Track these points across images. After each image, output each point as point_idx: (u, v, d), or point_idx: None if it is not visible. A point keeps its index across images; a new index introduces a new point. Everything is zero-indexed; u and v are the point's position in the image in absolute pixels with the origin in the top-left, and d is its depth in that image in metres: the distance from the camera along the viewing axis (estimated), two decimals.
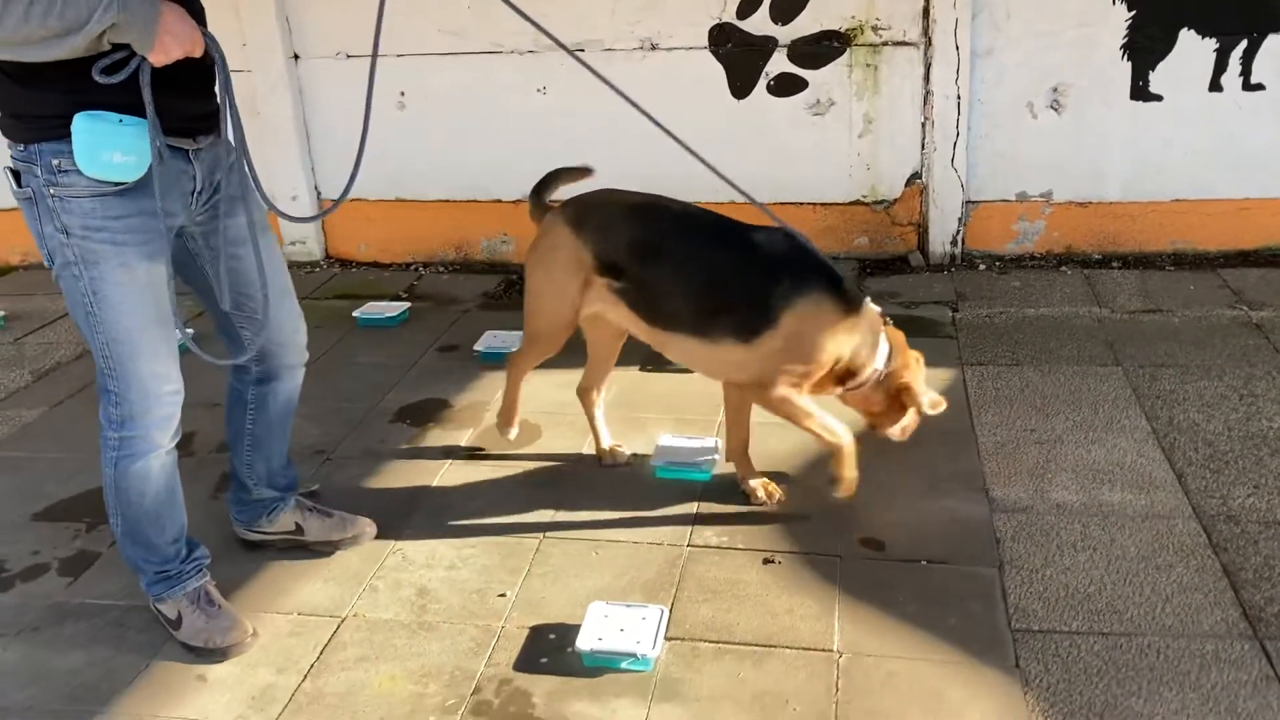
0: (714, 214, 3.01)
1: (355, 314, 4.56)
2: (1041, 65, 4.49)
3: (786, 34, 4.61)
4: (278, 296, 2.64)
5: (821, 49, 4.60)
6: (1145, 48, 4.42)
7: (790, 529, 2.97)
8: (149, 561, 2.63)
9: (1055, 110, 4.54)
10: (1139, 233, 4.66)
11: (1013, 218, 4.70)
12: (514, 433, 3.40)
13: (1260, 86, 4.41)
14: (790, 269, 2.84)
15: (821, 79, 4.63)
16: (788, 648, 2.52)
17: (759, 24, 4.61)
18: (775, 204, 4.82)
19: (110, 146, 2.22)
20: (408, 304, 4.67)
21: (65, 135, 2.21)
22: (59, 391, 4.08)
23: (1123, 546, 2.80)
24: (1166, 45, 4.41)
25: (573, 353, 4.12)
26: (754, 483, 3.11)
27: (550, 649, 2.56)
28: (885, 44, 4.54)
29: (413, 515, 3.11)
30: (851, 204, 4.76)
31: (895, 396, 2.95)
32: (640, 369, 3.97)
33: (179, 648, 2.61)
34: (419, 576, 2.84)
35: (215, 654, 2.59)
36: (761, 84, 4.68)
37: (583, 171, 3.27)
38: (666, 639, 2.55)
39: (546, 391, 3.85)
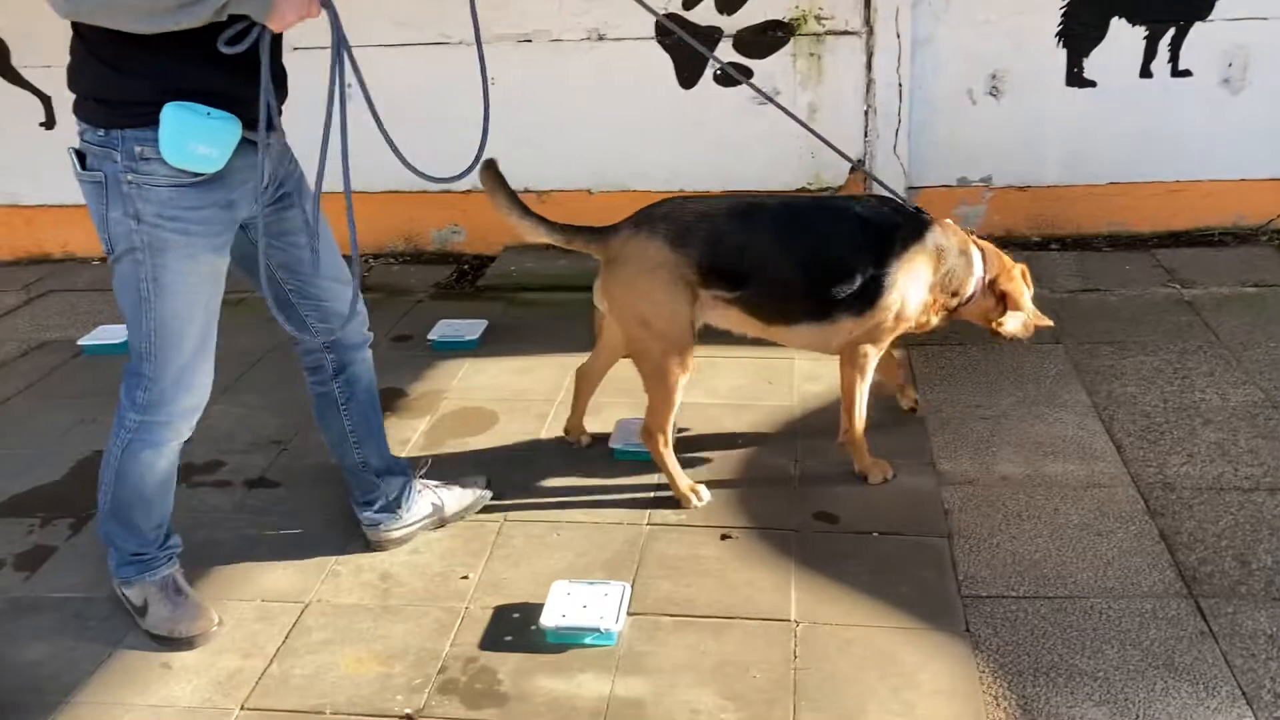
0: (807, 198, 3.02)
1: None
2: (980, 53, 4.60)
3: (731, 24, 4.67)
4: (334, 281, 2.69)
5: (766, 39, 4.67)
6: (1079, 35, 4.55)
7: (746, 505, 3.04)
8: (126, 542, 2.63)
9: (994, 97, 4.65)
10: (1076, 215, 4.80)
11: (954, 203, 4.81)
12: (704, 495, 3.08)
13: (1188, 73, 4.56)
14: (891, 231, 2.91)
15: (766, 69, 4.70)
16: (747, 619, 2.59)
17: (704, 14, 4.67)
18: (726, 191, 4.93)
19: (197, 138, 2.24)
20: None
21: (150, 123, 2.22)
22: (7, 388, 4.04)
23: (1066, 515, 2.91)
24: (1100, 32, 4.54)
25: (532, 339, 4.18)
26: (870, 462, 3.12)
27: (515, 627, 2.61)
28: (828, 33, 4.63)
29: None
30: (797, 191, 4.84)
31: (1003, 299, 3.06)
32: None
33: (142, 636, 2.62)
34: (381, 561, 2.87)
35: (180, 643, 2.60)
36: (708, 74, 4.75)
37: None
38: (629, 614, 2.61)
39: (503, 378, 3.90)
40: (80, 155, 2.32)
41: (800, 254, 2.90)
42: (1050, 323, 3.20)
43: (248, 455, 3.45)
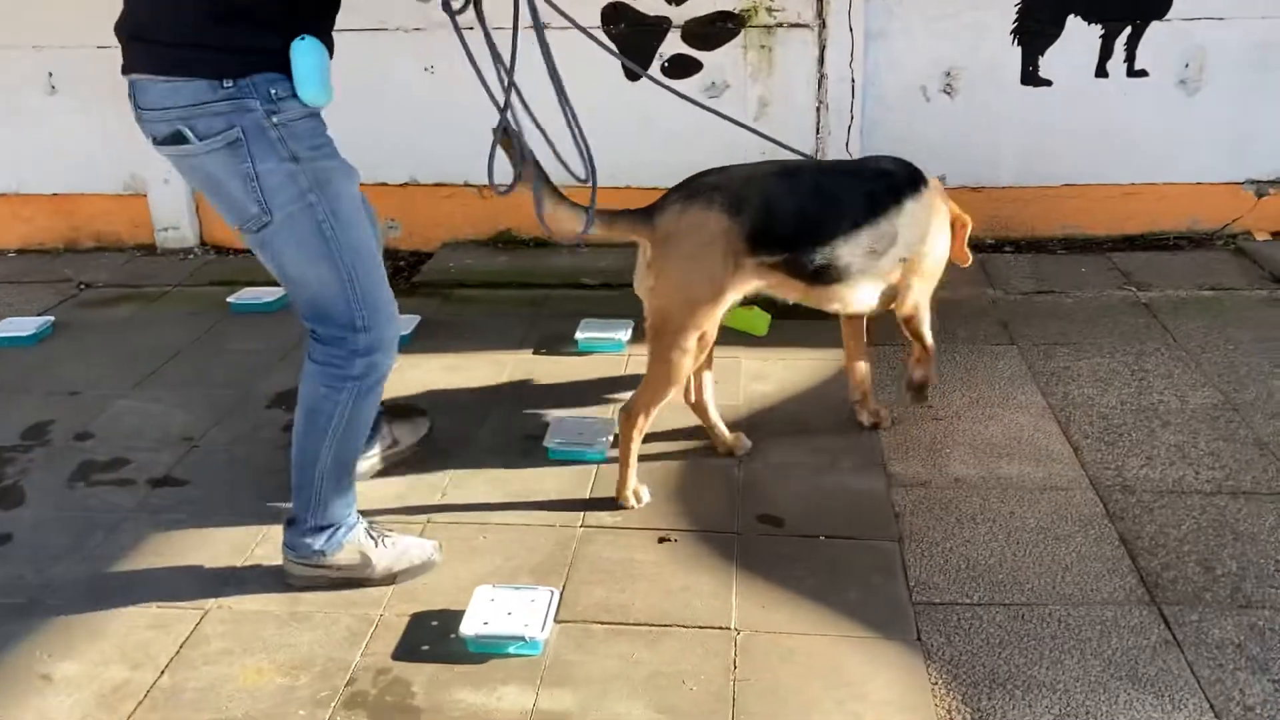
0: (835, 160, 3.13)
1: (229, 299, 4.32)
2: (934, 49, 4.49)
3: (680, 14, 4.52)
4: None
5: (716, 30, 4.53)
6: (1035, 32, 4.45)
7: (687, 507, 2.87)
8: (339, 506, 2.52)
9: (948, 94, 4.54)
10: (1030, 217, 4.69)
11: None
12: (644, 497, 2.90)
13: (1144, 73, 4.47)
14: (916, 184, 2.93)
15: (716, 61, 4.56)
16: (684, 626, 2.41)
17: (652, 4, 4.52)
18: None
19: (324, 72, 2.26)
20: (284, 291, 4.44)
21: (278, 66, 2.21)
22: None
23: (1022, 519, 2.76)
24: (1055, 30, 4.44)
25: (467, 335, 3.99)
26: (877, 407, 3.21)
27: (432, 636, 2.41)
28: (780, 25, 4.49)
29: (285, 502, 2.91)
30: None
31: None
32: (533, 352, 3.83)
33: (19, 648, 2.38)
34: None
35: (426, 567, 2.59)
36: (656, 65, 4.59)
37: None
38: (557, 621, 2.42)
39: (435, 374, 3.70)
40: (177, 135, 2.20)
41: (847, 212, 2.83)
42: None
43: (154, 453, 3.21)
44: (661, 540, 2.72)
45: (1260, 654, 2.26)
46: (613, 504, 2.86)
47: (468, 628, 2.34)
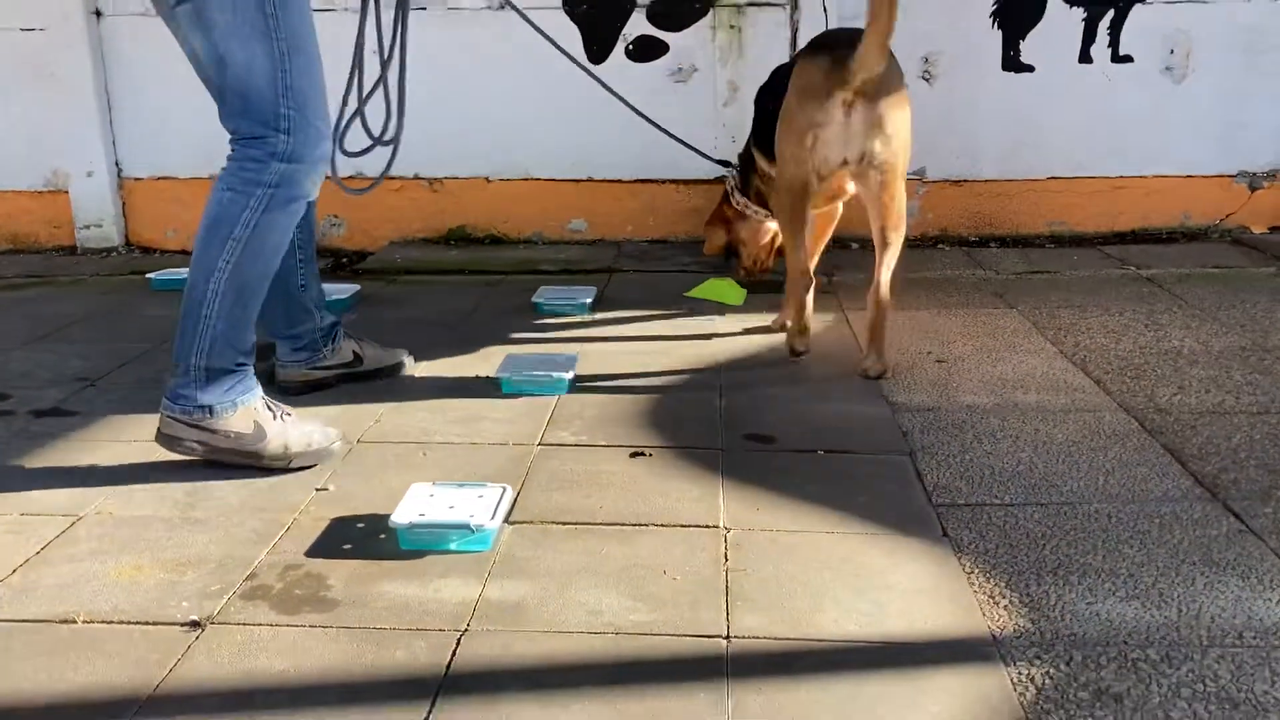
0: None
1: (149, 275, 3.92)
2: (911, 32, 4.24)
3: None
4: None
5: (683, 9, 4.30)
6: (1015, 15, 4.26)
7: (661, 427, 2.47)
8: (230, 350, 2.21)
9: (926, 81, 4.32)
10: (1015, 213, 4.43)
11: None
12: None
13: (1128, 58, 4.29)
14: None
15: (683, 43, 4.32)
16: (663, 525, 1.99)
17: None
18: (637, 180, 4.48)
19: None
20: None
21: None
22: None
23: (1048, 435, 2.39)
24: (1036, 13, 4.26)
25: (411, 305, 3.57)
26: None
27: (357, 536, 1.97)
28: (751, 5, 4.27)
29: None
30: (716, 180, 4.40)
31: None
32: (488, 317, 3.45)
33: None
34: (192, 475, 2.22)
35: (323, 454, 2.26)
36: (620, 47, 4.34)
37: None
38: (509, 523, 2.00)
39: (374, 330, 3.29)
40: None
41: None
42: None
43: (42, 390, 2.77)
44: (635, 455, 2.32)
45: None
46: (577, 423, 2.46)
47: (401, 517, 1.91)
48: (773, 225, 3.49)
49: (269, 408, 2.25)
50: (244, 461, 2.20)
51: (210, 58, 2.12)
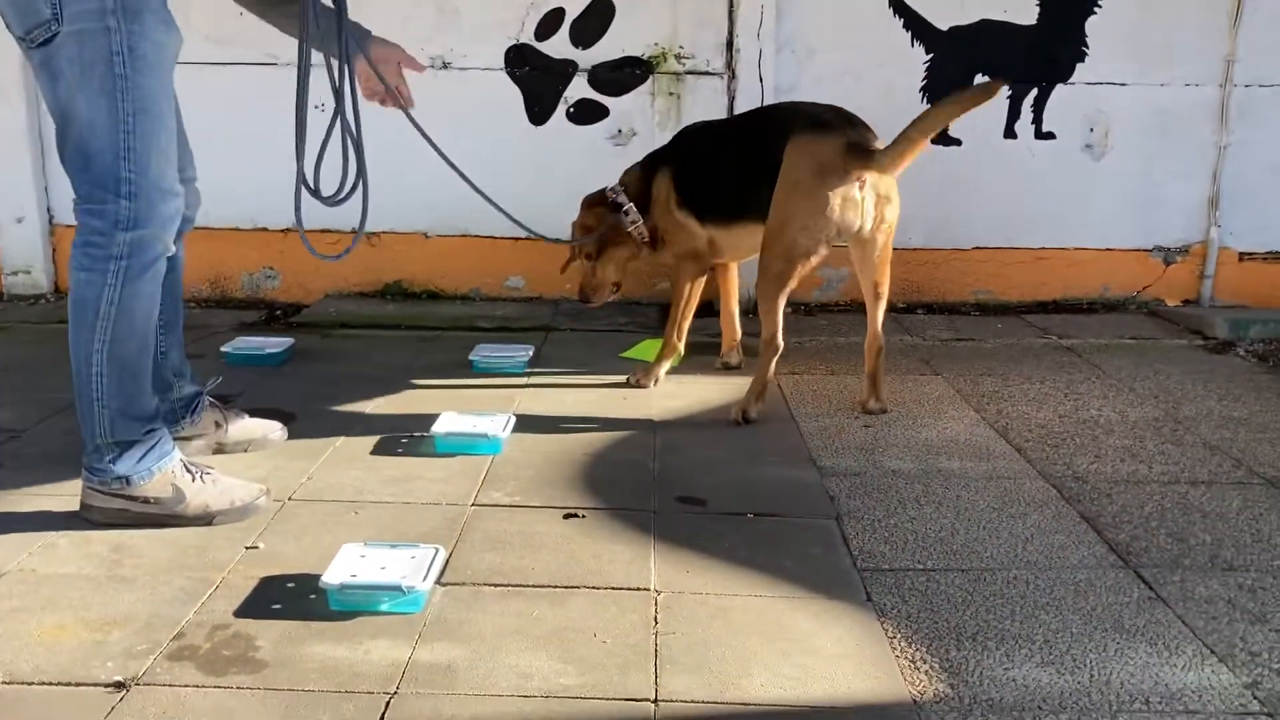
0: None
1: None
2: (845, 105, 4.39)
3: (587, 58, 4.39)
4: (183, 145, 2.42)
5: (623, 75, 4.40)
6: (943, 91, 4.41)
7: (595, 488, 2.50)
8: (133, 421, 2.15)
9: None
10: (942, 281, 4.56)
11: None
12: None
13: (1051, 135, 4.46)
14: None
15: (623, 107, 4.41)
16: (594, 588, 2.02)
17: (558, 47, 4.38)
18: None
19: None
20: None
21: None
22: None
23: (970, 501, 2.46)
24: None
25: (345, 360, 3.54)
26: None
27: (286, 596, 1.97)
28: (689, 73, 4.38)
29: None
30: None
31: None
32: (421, 375, 3.46)
33: None
34: (116, 534, 2.19)
35: (248, 510, 2.26)
36: (561, 110, 4.42)
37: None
38: (440, 584, 2.01)
39: (309, 386, 3.32)
40: None
41: None
42: None
43: None
44: (568, 516, 2.34)
45: (1256, 608, 1.98)
46: (511, 484, 2.49)
47: (331, 578, 1.92)
48: (638, 260, 3.49)
49: (188, 469, 2.24)
50: (166, 524, 2.19)
51: (55, 109, 2.08)
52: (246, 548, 2.15)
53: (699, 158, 3.27)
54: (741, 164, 3.08)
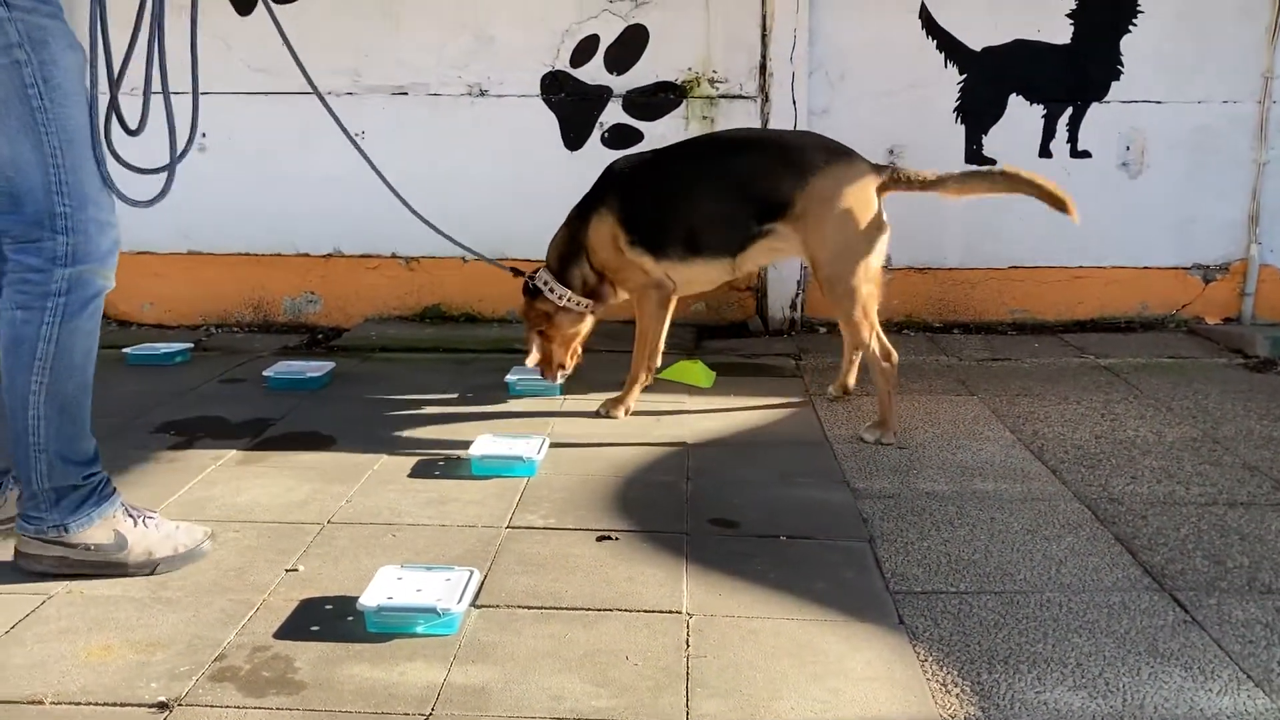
0: None
1: (125, 350, 3.96)
2: (878, 126, 4.43)
3: (621, 84, 4.43)
4: None
5: (657, 100, 4.44)
6: (977, 111, 4.43)
7: (629, 510, 2.52)
8: (72, 466, 2.10)
9: None
10: (978, 300, 4.55)
11: None
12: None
13: (1087, 154, 4.45)
14: None
15: (658, 131, 4.45)
16: (626, 610, 2.04)
17: (593, 73, 4.43)
18: None
19: None
20: (190, 346, 4.10)
21: None
22: None
23: (1004, 523, 2.46)
24: (998, 109, 4.43)
25: (386, 385, 3.59)
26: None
27: (324, 618, 2.00)
28: (722, 96, 4.42)
29: (159, 506, 2.52)
30: None
31: None
32: (459, 396, 3.50)
33: None
34: None
35: (192, 555, 2.21)
36: (596, 135, 4.46)
37: None
38: (475, 606, 2.04)
39: (348, 408, 3.37)
40: None
41: None
42: None
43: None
44: (601, 538, 2.36)
45: None
46: (545, 507, 2.51)
47: (369, 600, 1.95)
48: (590, 319, 3.36)
49: (129, 513, 2.18)
50: (107, 573, 2.12)
51: None
52: (286, 570, 2.19)
53: (651, 195, 3.18)
54: (722, 201, 3.07)
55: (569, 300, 3.28)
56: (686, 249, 3.14)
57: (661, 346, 3.35)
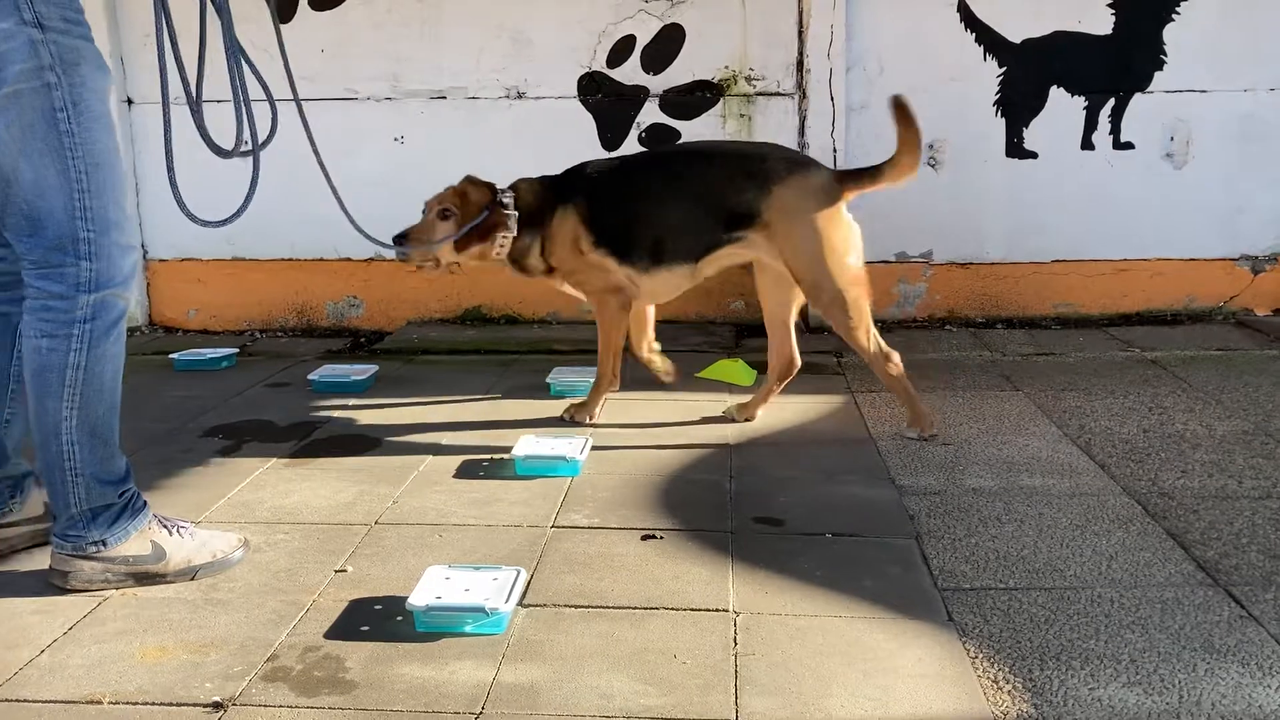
0: None
1: (173, 356, 4.01)
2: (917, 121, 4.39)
3: (658, 84, 4.44)
4: None
5: (694, 99, 4.43)
6: (1017, 104, 4.39)
7: (673, 509, 2.52)
8: (106, 485, 2.10)
9: (933, 167, 4.43)
10: (1021, 295, 4.51)
11: (893, 280, 4.51)
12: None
13: (1129, 145, 4.39)
14: None
15: (695, 130, 4.44)
16: (673, 609, 2.04)
17: (630, 73, 4.44)
18: None
19: None
20: (235, 350, 4.15)
21: None
22: None
23: (1053, 519, 2.43)
24: (1038, 102, 4.38)
25: (430, 387, 3.62)
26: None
27: (374, 618, 2.02)
28: (759, 94, 4.41)
29: (208, 509, 2.56)
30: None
31: None
32: (502, 396, 3.52)
33: None
34: None
35: (227, 563, 2.22)
36: (633, 135, 4.47)
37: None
38: (522, 605, 2.05)
39: (391, 412, 3.40)
40: None
41: None
42: None
43: None
44: (646, 537, 2.37)
45: None
46: (590, 506, 2.52)
47: (417, 600, 1.96)
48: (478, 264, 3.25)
49: (163, 524, 2.19)
50: (147, 583, 2.14)
51: None
52: (335, 571, 2.21)
53: (619, 199, 3.15)
54: (689, 209, 3.04)
55: (501, 251, 3.18)
56: (652, 256, 3.09)
57: (620, 354, 3.27)
